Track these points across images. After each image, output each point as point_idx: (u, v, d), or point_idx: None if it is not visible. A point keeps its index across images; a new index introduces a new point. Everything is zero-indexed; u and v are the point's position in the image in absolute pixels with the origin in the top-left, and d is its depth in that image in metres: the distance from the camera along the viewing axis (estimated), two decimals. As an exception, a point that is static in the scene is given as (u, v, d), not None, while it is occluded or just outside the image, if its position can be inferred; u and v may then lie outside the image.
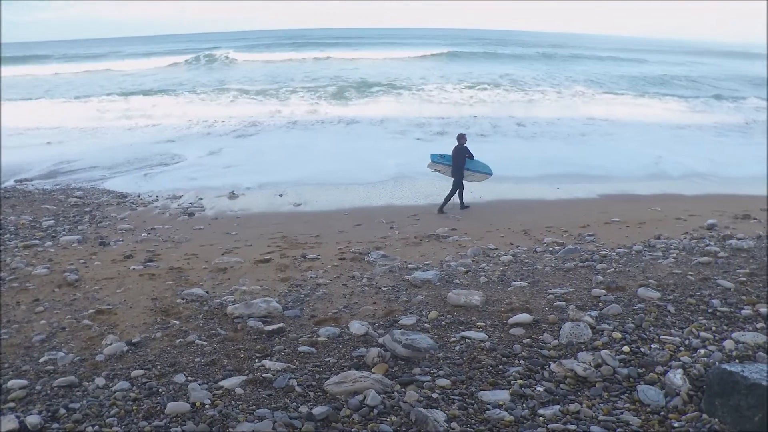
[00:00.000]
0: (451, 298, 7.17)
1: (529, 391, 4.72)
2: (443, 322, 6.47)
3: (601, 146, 23.19)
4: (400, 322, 6.53)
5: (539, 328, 6.13)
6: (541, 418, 4.31)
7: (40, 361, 5.85)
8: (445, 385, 4.85)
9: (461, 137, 14.86)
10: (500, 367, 5.22)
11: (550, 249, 10.34)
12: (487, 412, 4.41)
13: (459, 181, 14.54)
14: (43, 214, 13.37)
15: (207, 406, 4.56)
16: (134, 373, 5.33)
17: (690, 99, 37.71)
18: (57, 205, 14.34)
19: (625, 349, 5.39)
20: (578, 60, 65.07)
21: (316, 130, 26.59)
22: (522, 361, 5.31)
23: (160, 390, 4.94)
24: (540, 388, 4.78)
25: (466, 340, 5.85)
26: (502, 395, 4.65)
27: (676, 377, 4.61)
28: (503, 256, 9.82)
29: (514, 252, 10.17)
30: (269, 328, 6.44)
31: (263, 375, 5.12)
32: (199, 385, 4.96)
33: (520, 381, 4.89)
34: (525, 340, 5.81)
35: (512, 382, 4.89)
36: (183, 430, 4.23)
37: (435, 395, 4.68)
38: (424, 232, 12.03)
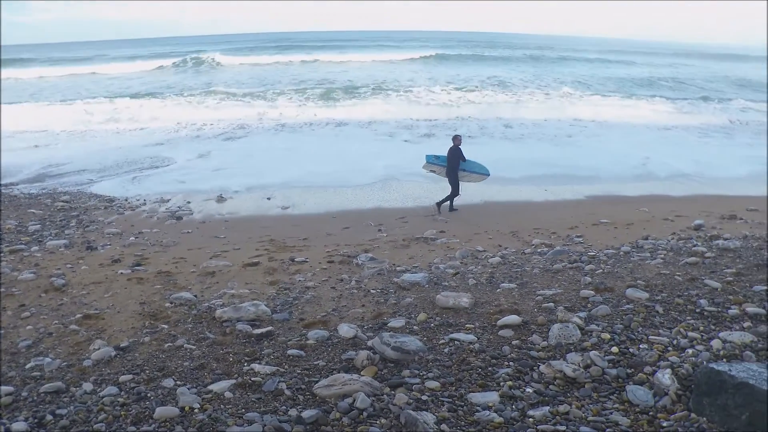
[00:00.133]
0: (440, 301, 7.18)
1: (519, 393, 4.74)
2: (432, 325, 6.48)
3: (588, 147, 23.33)
4: (389, 324, 6.53)
5: (528, 330, 6.15)
6: (531, 419, 4.32)
7: (27, 367, 5.80)
8: (434, 388, 4.86)
9: (456, 138, 14.92)
10: (489, 368, 5.23)
11: (539, 251, 10.38)
12: (476, 413, 4.42)
13: (455, 183, 14.60)
14: (29, 218, 13.26)
15: (196, 411, 4.54)
16: (122, 378, 5.31)
17: (677, 101, 37.98)
18: (43, 209, 14.23)
19: (614, 349, 5.41)
20: (566, 62, 65.40)
21: (305, 133, 26.55)
22: (511, 363, 5.33)
23: (149, 395, 4.91)
24: (529, 390, 4.79)
25: (455, 342, 5.86)
26: (492, 397, 4.66)
27: (665, 377, 4.64)
28: (492, 258, 9.85)
29: (503, 254, 10.20)
30: (258, 331, 6.42)
31: (252, 378, 5.11)
32: (188, 389, 4.95)
33: (510, 382, 4.91)
34: (514, 342, 5.83)
35: (501, 384, 4.90)
36: (172, 435, 4.22)
37: (424, 397, 4.69)
38: (413, 235, 12.04)
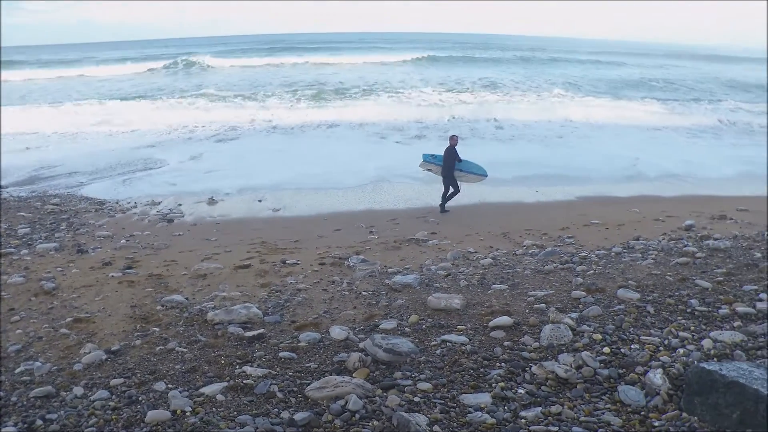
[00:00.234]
0: (432, 302, 7.18)
1: (511, 394, 4.75)
2: (424, 326, 6.49)
3: (579, 148, 23.40)
4: (381, 326, 6.53)
5: (520, 331, 6.16)
6: (523, 420, 4.33)
7: (16, 371, 5.77)
8: (426, 389, 4.86)
9: (452, 138, 14.97)
10: (481, 370, 5.24)
11: (530, 252, 10.41)
12: (468, 415, 4.43)
13: (453, 183, 14.65)
14: (19, 221, 13.19)
15: (188, 414, 4.53)
16: (113, 382, 5.29)
17: (667, 102, 38.13)
18: (33, 212, 14.15)
19: (606, 350, 5.43)
20: (557, 63, 65.56)
21: (296, 135, 26.52)
22: (503, 364, 5.34)
23: (140, 398, 4.90)
24: (521, 391, 4.81)
25: (447, 344, 5.86)
26: (484, 398, 4.67)
27: (656, 377, 4.66)
28: (483, 259, 9.87)
29: (494, 255, 10.23)
30: (250, 334, 6.42)
31: (244, 381, 5.10)
32: (180, 392, 4.93)
33: (502, 384, 4.91)
34: (506, 343, 5.84)
35: (493, 385, 4.91)
36: (163, 439, 4.21)
37: (416, 399, 4.69)
38: (404, 237, 12.05)
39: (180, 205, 15.23)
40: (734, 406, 3.91)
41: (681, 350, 5.27)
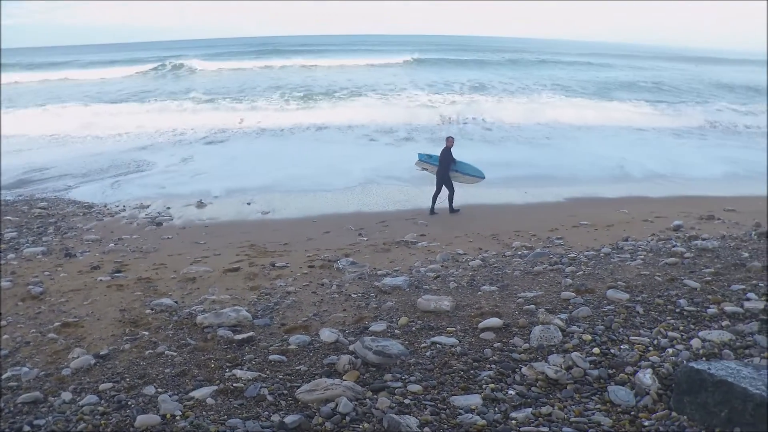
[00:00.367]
0: (421, 304, 7.18)
1: (501, 395, 4.74)
2: (413, 328, 6.48)
3: (567, 149, 23.50)
4: (371, 328, 6.52)
5: (509, 332, 6.16)
6: (514, 421, 4.33)
7: (3, 377, 5.72)
8: (416, 391, 4.86)
9: (448, 140, 15.03)
10: (471, 371, 5.24)
11: (519, 253, 10.44)
12: (459, 416, 4.42)
13: (449, 184, 14.68)
14: (5, 225, 13.09)
15: (178, 418, 4.50)
16: (102, 387, 5.25)
17: (655, 103, 38.32)
18: (20, 216, 14.05)
19: (596, 350, 5.44)
20: (545, 65, 65.78)
21: (285, 137, 26.52)
22: (493, 365, 5.33)
23: (130, 403, 4.86)
24: (511, 392, 4.80)
25: (437, 346, 5.85)
26: (474, 400, 4.67)
27: (646, 377, 4.67)
28: (472, 260, 9.88)
29: (483, 257, 10.25)
30: (239, 337, 6.39)
31: (234, 384, 5.08)
32: (170, 396, 4.90)
33: (492, 385, 4.91)
34: (496, 344, 5.84)
35: (484, 387, 4.90)
36: (153, 443, 4.18)
37: (407, 401, 4.68)
38: (393, 239, 12.05)
39: (169, 208, 15.18)
40: (722, 404, 3.93)
41: (670, 350, 5.29)
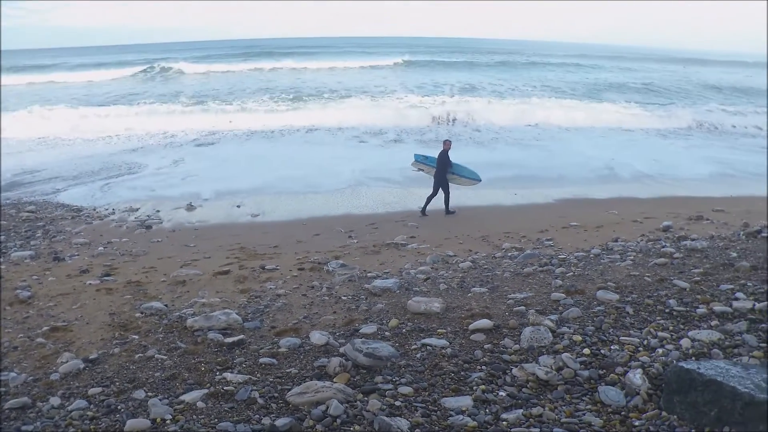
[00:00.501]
0: (411, 306, 7.17)
1: (492, 396, 4.75)
2: (404, 330, 6.48)
3: (557, 151, 23.61)
4: (361, 330, 6.52)
5: (500, 334, 6.17)
6: (505, 422, 4.34)
7: (-9, 382, 5.68)
8: (407, 393, 4.85)
9: (445, 143, 15.11)
10: (462, 373, 5.24)
11: (509, 254, 10.46)
12: (450, 418, 4.43)
13: (445, 186, 14.73)
14: (-7, 229, 13.02)
15: (168, 422, 4.49)
16: (91, 391, 5.21)
17: (644, 104, 38.54)
18: (7, 220, 13.96)
19: (586, 351, 5.45)
20: (535, 66, 66.03)
21: (275, 139, 26.51)
22: (484, 367, 5.34)
23: (119, 407, 4.84)
24: (502, 393, 4.81)
25: (428, 348, 5.85)
26: (465, 401, 4.67)
27: (636, 377, 4.69)
28: (462, 262, 9.89)
29: (473, 258, 10.26)
30: (230, 340, 6.37)
31: (225, 388, 5.07)
32: (160, 400, 4.88)
33: (483, 386, 4.92)
34: (486, 346, 5.84)
35: (474, 388, 4.91)
36: (143, 448, 4.16)
37: (398, 403, 4.68)
38: (383, 241, 12.06)
39: (158, 211, 15.13)
40: (712, 403, 3.95)
41: (660, 350, 5.31)
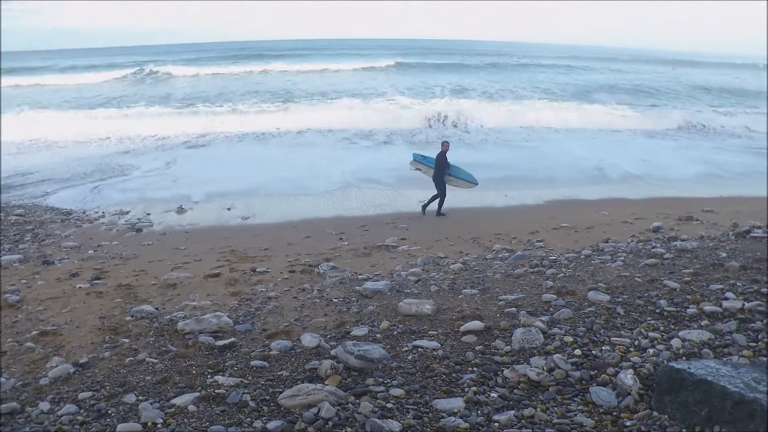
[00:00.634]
0: (403, 308, 7.17)
1: (484, 398, 4.76)
2: (395, 332, 6.47)
3: (547, 152, 23.69)
4: (352, 333, 6.51)
5: (491, 335, 6.17)
6: (496, 423, 4.34)
7: (-21, 388, 5.64)
8: (399, 395, 4.85)
9: (444, 144, 15.15)
10: (454, 374, 5.24)
11: (500, 256, 10.48)
12: (442, 420, 4.43)
13: (442, 188, 14.76)
14: (-18, 233, 12.94)
15: (159, 426, 4.47)
16: (82, 396, 5.18)
17: (634, 105, 38.71)
18: (-4, 223, 13.90)
19: (577, 352, 5.46)
20: (525, 68, 66.16)
21: (266, 140, 26.49)
22: (475, 368, 5.34)
23: (110, 411, 4.81)
24: (494, 395, 4.81)
25: (419, 349, 5.85)
26: (457, 403, 4.67)
27: (627, 377, 4.71)
28: (453, 264, 9.90)
29: (464, 260, 10.27)
30: (221, 343, 6.35)
31: (216, 391, 5.05)
32: (151, 404, 4.86)
33: (474, 388, 4.92)
34: (477, 347, 5.84)
35: (466, 390, 4.91)
36: (134, 452, 4.15)
37: (389, 405, 4.68)
38: (374, 243, 12.06)
39: (149, 214, 15.08)
40: (702, 403, 3.97)
41: (651, 350, 5.33)
